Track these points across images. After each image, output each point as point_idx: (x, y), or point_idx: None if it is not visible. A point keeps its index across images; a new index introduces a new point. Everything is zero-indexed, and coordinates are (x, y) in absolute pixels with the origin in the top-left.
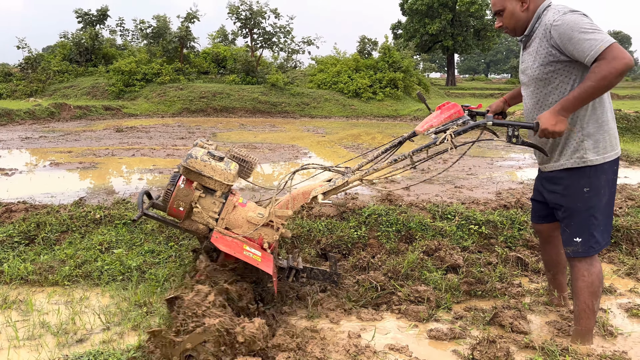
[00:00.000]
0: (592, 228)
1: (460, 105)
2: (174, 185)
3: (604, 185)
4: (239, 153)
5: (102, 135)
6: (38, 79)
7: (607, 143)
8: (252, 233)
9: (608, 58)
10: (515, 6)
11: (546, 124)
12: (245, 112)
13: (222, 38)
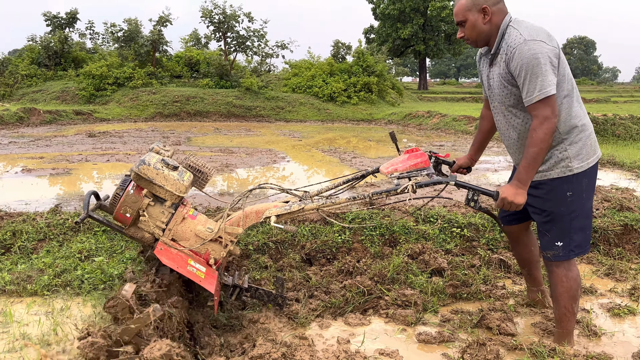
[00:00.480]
0: (574, 232)
1: (426, 153)
2: (124, 190)
3: (585, 188)
4: (195, 163)
5: (74, 141)
6: (5, 83)
7: (589, 148)
8: (199, 247)
9: (540, 117)
10: (478, 18)
11: (506, 194)
12: (219, 116)
13: (195, 42)
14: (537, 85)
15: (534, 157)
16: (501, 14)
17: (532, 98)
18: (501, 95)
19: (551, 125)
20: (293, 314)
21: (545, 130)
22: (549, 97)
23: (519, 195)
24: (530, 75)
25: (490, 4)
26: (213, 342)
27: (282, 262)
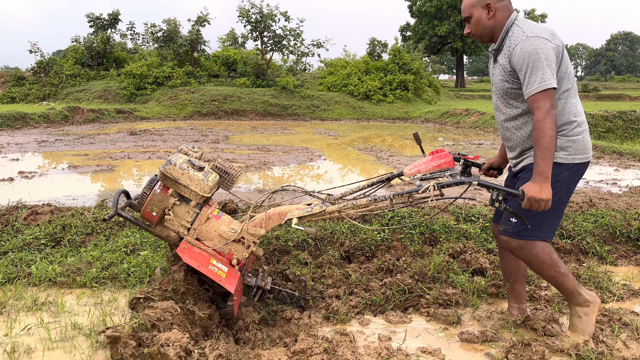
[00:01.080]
0: (529, 214)
1: (452, 155)
2: (151, 189)
3: (562, 180)
4: (222, 164)
5: (117, 139)
6: (51, 83)
7: (579, 145)
8: (222, 247)
9: (542, 109)
10: (482, 14)
11: (531, 193)
12: (256, 115)
13: (232, 41)
14: (538, 78)
15: (547, 147)
16: (506, 11)
17: (532, 90)
18: (501, 91)
19: (553, 118)
20: (332, 311)
21: (551, 121)
22: (549, 90)
23: (544, 191)
24: (531, 68)
25: (495, 0)
26: (254, 336)
27: (321, 258)
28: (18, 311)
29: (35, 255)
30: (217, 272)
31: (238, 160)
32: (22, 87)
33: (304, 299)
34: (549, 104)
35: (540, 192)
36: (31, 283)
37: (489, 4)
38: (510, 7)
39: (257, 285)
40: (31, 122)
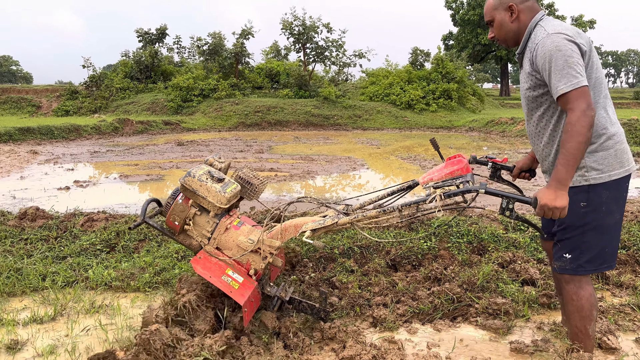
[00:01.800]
0: (584, 247)
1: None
2: (174, 199)
3: (605, 201)
4: (245, 175)
5: (165, 149)
6: (102, 96)
7: (613, 159)
8: (241, 258)
9: (576, 111)
10: (505, 17)
11: (545, 200)
12: (298, 125)
13: (275, 53)
14: (564, 76)
15: (572, 153)
16: (530, 13)
17: (560, 90)
18: (526, 99)
19: (589, 119)
20: (379, 319)
21: (583, 124)
22: (581, 89)
23: (559, 198)
24: (554, 67)
25: (518, 1)
26: (302, 342)
27: (367, 266)
28: (77, 313)
29: (91, 260)
30: (231, 282)
31: (282, 170)
32: (75, 100)
33: (324, 310)
34: (584, 103)
35: (555, 199)
36: (88, 287)
37: (512, 5)
38: (536, 7)
39: (276, 295)
40: (84, 134)
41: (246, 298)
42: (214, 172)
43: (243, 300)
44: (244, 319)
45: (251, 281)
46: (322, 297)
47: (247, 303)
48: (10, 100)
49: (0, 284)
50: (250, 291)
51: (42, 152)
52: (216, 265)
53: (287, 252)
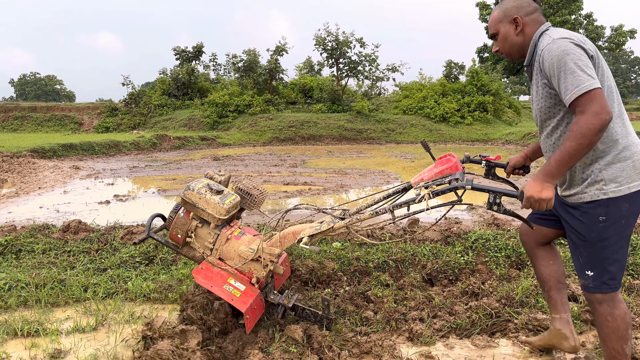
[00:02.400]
0: (607, 262)
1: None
2: (176, 213)
3: (625, 215)
4: (245, 186)
5: (201, 164)
6: (140, 113)
7: (632, 171)
8: (242, 267)
9: (587, 113)
10: (509, 29)
11: (531, 191)
12: (331, 140)
13: (308, 69)
14: (575, 80)
15: (568, 152)
16: (535, 25)
17: (571, 95)
18: (540, 109)
19: (600, 122)
20: (415, 333)
21: (590, 126)
22: (593, 91)
23: (545, 190)
24: (563, 71)
25: (523, 14)
26: (338, 357)
27: (402, 280)
28: (117, 324)
29: (131, 272)
30: (232, 291)
31: (316, 184)
32: (115, 117)
33: (327, 317)
34: (595, 106)
35: (540, 191)
36: (128, 298)
37: (516, 18)
38: (541, 19)
39: (280, 302)
40: (123, 150)
41: (248, 305)
42: (213, 184)
43: (245, 308)
44: (246, 326)
45: (253, 289)
46: (325, 304)
47: (249, 310)
48: (55, 117)
49: (45, 294)
50: (253, 299)
51: (84, 168)
52: (218, 275)
53: (321, 267)
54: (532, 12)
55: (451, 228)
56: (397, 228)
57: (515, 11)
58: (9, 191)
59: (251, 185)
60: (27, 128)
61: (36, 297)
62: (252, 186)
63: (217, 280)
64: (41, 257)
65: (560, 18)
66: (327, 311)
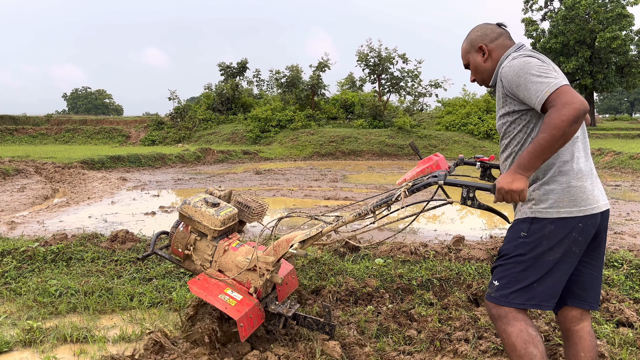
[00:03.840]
0: (512, 276)
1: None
2: (176, 227)
3: (547, 236)
4: (244, 199)
5: (244, 177)
6: (186, 127)
7: (566, 196)
8: (240, 277)
9: (557, 105)
10: (477, 58)
11: (502, 183)
12: (372, 155)
13: (350, 84)
14: (540, 84)
15: (540, 144)
16: (502, 49)
17: (542, 97)
18: (503, 124)
19: (572, 111)
20: (460, 354)
21: (562, 117)
22: (560, 87)
23: (516, 181)
24: (527, 81)
25: (487, 41)
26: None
27: (447, 300)
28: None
29: (175, 282)
30: (228, 300)
31: (356, 199)
32: (161, 130)
33: (328, 324)
34: (566, 97)
35: (511, 182)
36: (172, 308)
37: (481, 46)
38: (507, 43)
39: (280, 312)
40: (169, 162)
41: (242, 314)
42: (209, 198)
43: (238, 316)
44: (240, 334)
45: (251, 299)
46: (326, 311)
47: (244, 318)
48: (104, 130)
49: (93, 302)
50: (249, 308)
51: (131, 179)
52: (215, 285)
53: (362, 284)
54: (497, 37)
55: (497, 246)
56: (441, 246)
57: (480, 40)
58: (60, 200)
59: (250, 199)
60: (78, 140)
61: (85, 304)
62: (251, 199)
63: (213, 290)
64: (90, 265)
65: (610, 34)
66: (329, 318)
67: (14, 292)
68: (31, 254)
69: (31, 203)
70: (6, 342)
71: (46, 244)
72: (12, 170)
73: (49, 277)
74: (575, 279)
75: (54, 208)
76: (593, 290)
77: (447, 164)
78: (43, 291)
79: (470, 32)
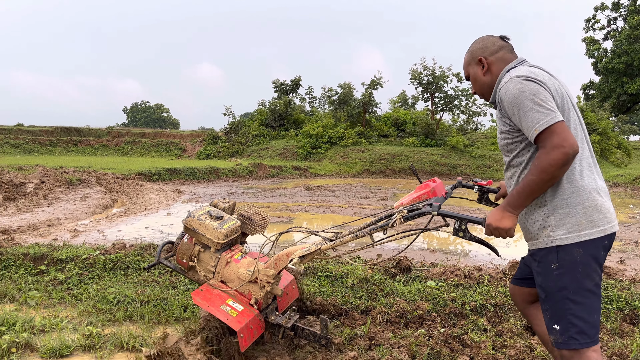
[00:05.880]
0: (570, 314)
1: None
2: (181, 239)
3: (580, 261)
4: (247, 212)
5: (294, 193)
6: (239, 142)
7: (582, 218)
8: (241, 288)
9: (547, 147)
10: (477, 71)
11: (490, 219)
12: (424, 174)
13: (402, 102)
14: (534, 117)
15: (529, 185)
16: (502, 63)
17: (533, 133)
18: (502, 146)
19: (561, 156)
20: None
21: (551, 161)
22: (553, 125)
23: (505, 219)
24: (523, 110)
25: (487, 54)
26: None
27: (501, 326)
28: None
29: None
30: (229, 311)
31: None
32: (215, 145)
33: (325, 337)
34: (557, 139)
35: (500, 220)
36: None
37: (481, 59)
38: (508, 57)
39: (278, 323)
40: (222, 176)
41: (243, 324)
42: (213, 211)
43: (238, 327)
44: (240, 344)
45: (251, 310)
46: (323, 324)
47: (244, 329)
48: (161, 143)
49: (149, 311)
50: (249, 319)
51: (186, 192)
52: (217, 296)
53: (413, 307)
54: (497, 51)
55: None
56: (496, 270)
57: (480, 52)
58: (119, 211)
59: (252, 211)
60: (136, 152)
61: (140, 312)
62: (253, 212)
63: (215, 301)
64: (146, 275)
65: None
66: (325, 331)
67: (75, 297)
68: (92, 262)
69: (92, 212)
70: (67, 346)
71: (106, 253)
72: (76, 180)
73: (107, 285)
74: None
75: (113, 217)
76: None
77: (444, 190)
78: (102, 298)
79: (472, 44)
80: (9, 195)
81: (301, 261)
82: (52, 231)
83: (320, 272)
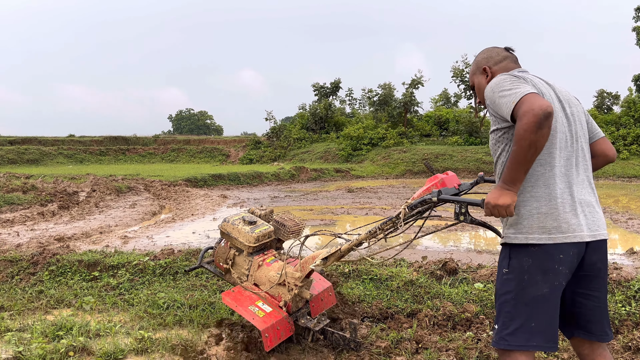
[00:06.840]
0: (507, 318)
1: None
2: (218, 243)
3: (528, 270)
4: (281, 218)
5: (336, 195)
6: (281, 146)
7: (534, 222)
8: (272, 290)
9: (519, 115)
10: (481, 80)
11: (488, 198)
12: (468, 173)
13: (444, 101)
14: (507, 98)
15: (513, 156)
16: (502, 72)
17: (507, 112)
18: (490, 147)
19: (531, 119)
20: None
21: (524, 126)
22: (525, 96)
23: (503, 196)
24: (498, 94)
25: (492, 63)
26: None
27: None
28: None
29: None
30: (257, 312)
31: (451, 218)
32: (258, 149)
33: (354, 341)
34: (525, 106)
35: (498, 197)
36: None
37: (485, 68)
38: (510, 66)
39: (307, 326)
40: (265, 180)
41: (268, 325)
42: (247, 216)
43: (263, 326)
44: (265, 344)
45: (280, 312)
46: (352, 327)
47: (269, 329)
48: (205, 150)
49: (197, 315)
50: (276, 320)
51: (230, 197)
52: (248, 297)
53: (462, 310)
54: (501, 60)
55: (610, 275)
56: None
57: (485, 62)
58: (167, 217)
59: (287, 218)
60: (182, 159)
61: (189, 317)
62: (287, 218)
63: (244, 302)
64: (194, 279)
65: None
66: (355, 334)
67: (127, 302)
68: (142, 267)
69: (141, 219)
70: (121, 349)
71: (155, 258)
72: (125, 188)
73: (157, 290)
74: (579, 311)
75: (161, 224)
76: (599, 323)
77: (456, 182)
78: (152, 303)
79: (478, 54)
80: (63, 204)
81: (324, 263)
82: (104, 238)
83: (364, 275)
